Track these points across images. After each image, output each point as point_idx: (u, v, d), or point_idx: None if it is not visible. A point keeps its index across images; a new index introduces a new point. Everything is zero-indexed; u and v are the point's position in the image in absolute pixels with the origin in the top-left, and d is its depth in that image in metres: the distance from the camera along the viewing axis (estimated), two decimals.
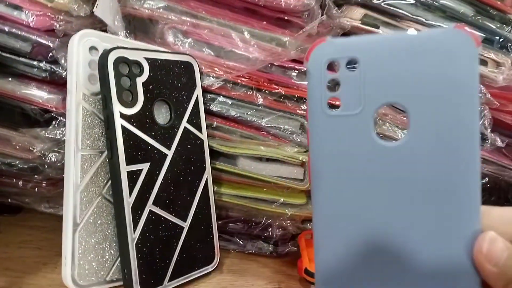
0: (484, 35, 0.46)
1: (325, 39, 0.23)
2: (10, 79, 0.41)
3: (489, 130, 0.49)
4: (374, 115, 0.23)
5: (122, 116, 0.36)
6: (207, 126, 0.45)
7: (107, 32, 0.41)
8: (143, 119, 0.38)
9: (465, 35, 0.22)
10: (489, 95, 0.48)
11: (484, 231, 0.22)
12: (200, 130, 0.43)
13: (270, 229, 0.50)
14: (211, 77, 0.45)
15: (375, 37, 0.23)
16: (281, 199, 0.47)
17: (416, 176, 0.22)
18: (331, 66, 0.23)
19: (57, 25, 0.40)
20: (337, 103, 0.23)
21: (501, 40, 0.46)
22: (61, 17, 0.40)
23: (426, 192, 0.22)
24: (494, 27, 0.47)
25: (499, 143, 0.49)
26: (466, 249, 0.22)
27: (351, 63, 0.23)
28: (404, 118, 0.46)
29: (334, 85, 0.23)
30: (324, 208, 0.24)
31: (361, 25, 0.45)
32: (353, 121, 0.23)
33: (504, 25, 0.47)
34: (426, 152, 0.22)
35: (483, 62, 0.46)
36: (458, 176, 0.22)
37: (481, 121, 0.48)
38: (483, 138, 0.49)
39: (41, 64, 0.40)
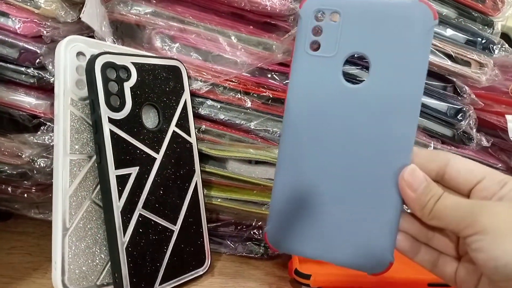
0: (467, 37, 0.47)
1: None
2: None
3: (474, 130, 0.49)
4: (344, 60, 0.28)
5: (110, 120, 0.37)
6: (196, 130, 0.45)
7: (94, 38, 0.41)
8: (131, 123, 0.38)
9: (427, 8, 0.27)
10: (474, 96, 0.49)
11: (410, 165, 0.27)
12: (189, 134, 0.44)
13: (260, 231, 0.50)
14: (199, 81, 0.46)
15: None
16: None
17: (366, 114, 0.27)
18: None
19: (44, 31, 0.40)
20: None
21: (483, 41, 0.47)
22: (48, 24, 0.40)
23: (373, 129, 0.27)
24: (476, 28, 0.48)
25: (484, 142, 0.50)
26: (395, 178, 0.27)
27: (334, 15, 0.28)
28: None
29: (317, 31, 0.28)
30: (292, 132, 0.29)
31: None
32: (327, 62, 0.28)
33: (486, 27, 0.48)
34: (377, 97, 0.27)
35: (467, 63, 0.47)
36: (399, 120, 0.27)
37: (467, 121, 0.48)
38: (469, 138, 0.50)
39: (28, 70, 0.41)
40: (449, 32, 0.47)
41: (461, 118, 0.48)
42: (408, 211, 0.29)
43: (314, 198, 0.29)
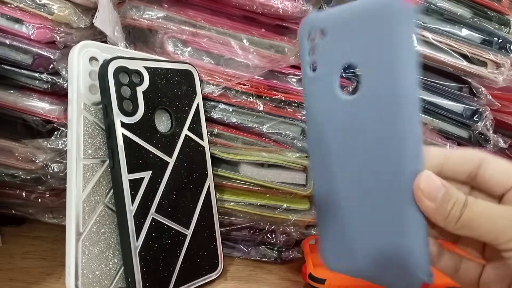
0: (483, 37, 0.47)
1: (309, 13, 0.28)
2: (12, 91, 0.41)
3: (491, 131, 0.49)
4: (339, 74, 0.27)
5: (123, 125, 0.37)
6: (208, 134, 0.45)
7: (107, 43, 0.41)
8: (144, 128, 0.38)
9: (402, 1, 0.24)
10: (490, 96, 0.48)
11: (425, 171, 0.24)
12: (201, 138, 0.43)
13: (274, 235, 0.49)
14: (211, 85, 0.46)
15: (336, 8, 0.27)
16: (284, 205, 0.47)
17: (368, 124, 0.26)
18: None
19: (58, 37, 0.40)
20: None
21: (499, 41, 0.46)
22: (61, 29, 0.40)
23: (377, 138, 0.26)
24: (492, 28, 0.47)
25: (502, 144, 0.49)
26: (409, 188, 0.25)
27: (321, 32, 0.27)
28: None
29: (312, 52, 0.28)
30: (315, 153, 0.29)
31: None
32: (324, 79, 0.27)
33: (502, 26, 0.47)
34: (375, 104, 0.25)
35: (483, 64, 0.46)
36: (401, 124, 0.25)
37: (483, 122, 0.48)
38: (486, 140, 0.49)
39: (42, 76, 0.41)
40: (464, 32, 0.46)
41: (477, 119, 0.48)
42: None
43: (346, 216, 0.28)
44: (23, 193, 0.45)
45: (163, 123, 0.41)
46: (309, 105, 0.28)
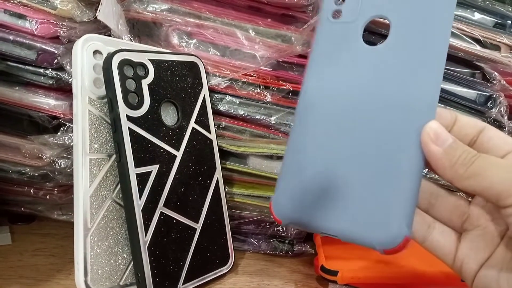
0: (495, 20, 0.45)
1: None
2: (17, 87, 0.41)
3: (506, 117, 0.47)
4: (364, 24, 0.29)
5: (129, 118, 0.36)
6: (216, 126, 0.44)
7: (111, 37, 0.41)
8: (150, 121, 0.38)
9: None
10: (504, 82, 0.47)
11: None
12: (208, 130, 0.43)
13: (284, 228, 0.49)
14: (217, 77, 0.45)
15: None
16: None
17: (387, 73, 0.27)
18: None
19: (61, 32, 0.40)
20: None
21: None
22: (65, 24, 0.40)
23: (393, 88, 0.26)
24: (505, 10, 0.45)
25: None
26: (417, 138, 0.25)
27: None
28: None
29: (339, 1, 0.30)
30: (312, 94, 0.29)
31: None
32: (348, 27, 0.29)
33: None
34: (397, 57, 0.27)
35: (496, 48, 0.45)
36: (422, 78, 0.26)
37: (497, 108, 0.46)
38: (500, 126, 0.48)
39: (47, 72, 0.40)
40: (476, 15, 0.44)
41: (491, 105, 0.46)
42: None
43: (327, 163, 0.27)
44: (31, 190, 0.45)
45: (169, 116, 0.40)
46: (323, 46, 0.29)
